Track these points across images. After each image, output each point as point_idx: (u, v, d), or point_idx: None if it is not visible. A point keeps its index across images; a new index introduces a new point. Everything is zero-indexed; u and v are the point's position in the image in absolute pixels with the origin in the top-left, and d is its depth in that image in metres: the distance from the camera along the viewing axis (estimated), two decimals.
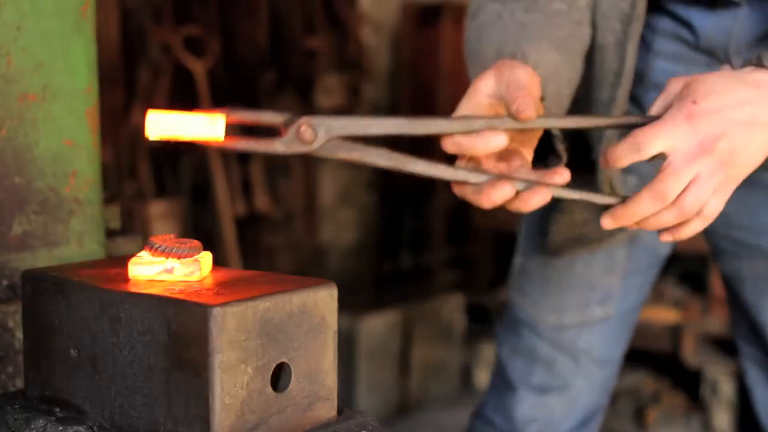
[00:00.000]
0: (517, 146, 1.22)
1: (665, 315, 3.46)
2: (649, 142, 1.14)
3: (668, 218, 1.17)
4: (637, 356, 3.67)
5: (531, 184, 1.17)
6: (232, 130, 1.03)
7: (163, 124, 0.99)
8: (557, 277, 1.76)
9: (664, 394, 3.58)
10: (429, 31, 4.72)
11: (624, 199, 1.18)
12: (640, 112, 1.58)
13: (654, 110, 1.20)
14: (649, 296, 3.64)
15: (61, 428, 0.98)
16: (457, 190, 1.22)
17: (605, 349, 1.81)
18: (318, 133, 1.09)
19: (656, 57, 1.53)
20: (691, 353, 3.38)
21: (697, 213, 1.17)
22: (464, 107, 1.22)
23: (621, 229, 1.57)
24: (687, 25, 1.47)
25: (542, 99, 1.26)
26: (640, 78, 1.53)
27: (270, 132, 1.08)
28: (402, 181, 4.68)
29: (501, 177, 1.17)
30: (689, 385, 3.53)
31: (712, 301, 3.39)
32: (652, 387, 3.62)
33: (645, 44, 1.52)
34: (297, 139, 1.08)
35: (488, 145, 1.15)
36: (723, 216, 1.39)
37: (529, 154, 1.23)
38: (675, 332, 3.40)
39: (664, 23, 1.51)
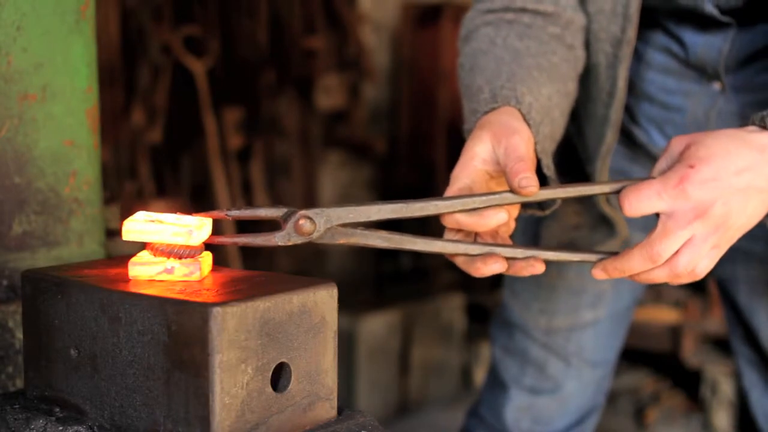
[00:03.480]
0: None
1: (665, 315, 3.46)
2: (643, 203, 1.13)
3: (659, 275, 1.17)
4: (637, 356, 3.67)
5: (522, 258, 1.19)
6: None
7: (141, 234, 1.00)
8: (548, 281, 1.76)
9: (664, 394, 3.58)
10: (429, 31, 4.72)
11: (615, 254, 1.19)
12: (631, 122, 1.58)
13: (656, 171, 1.19)
14: (649, 296, 3.62)
15: (61, 428, 0.98)
16: (451, 258, 1.23)
17: (597, 350, 1.82)
18: (317, 224, 1.12)
19: (648, 69, 1.53)
20: (691, 353, 3.38)
21: (688, 272, 1.16)
22: (462, 174, 1.22)
23: (612, 237, 1.57)
24: (679, 41, 1.47)
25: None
26: (631, 88, 1.54)
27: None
28: (402, 180, 4.69)
29: (492, 253, 1.19)
30: (689, 385, 3.53)
31: (712, 301, 3.39)
32: (652, 387, 3.62)
33: (638, 55, 1.52)
34: (296, 232, 1.10)
35: (490, 223, 1.17)
36: None
37: (515, 213, 1.24)
38: (675, 332, 3.40)
39: (657, 37, 1.50)
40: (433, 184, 4.52)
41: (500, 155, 1.20)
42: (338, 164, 4.67)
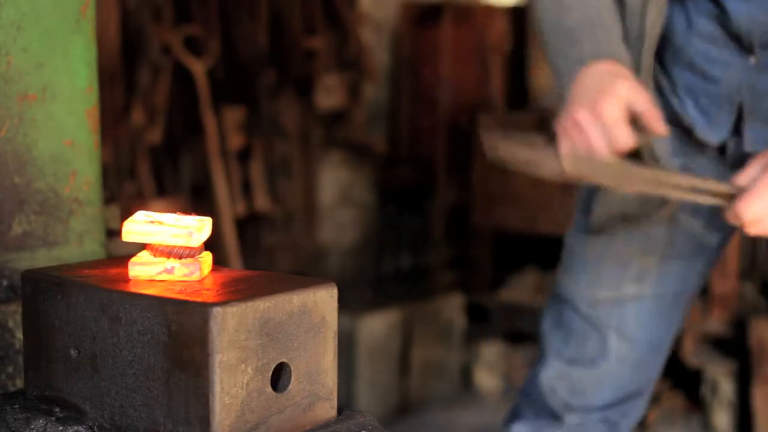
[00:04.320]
0: None
1: None
2: (745, 211, 1.39)
3: None
4: None
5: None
6: None
7: (140, 235, 1.00)
8: (595, 253, 1.82)
9: (664, 394, 3.57)
10: (429, 31, 4.71)
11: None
12: (672, 94, 1.68)
13: (742, 179, 1.43)
14: None
15: (61, 428, 0.98)
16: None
17: (638, 328, 1.84)
18: None
19: (696, 37, 1.61)
20: (691, 353, 3.38)
21: None
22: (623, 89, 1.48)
23: (661, 207, 1.70)
24: (722, 7, 1.56)
25: None
26: (678, 53, 1.64)
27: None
28: (402, 180, 4.68)
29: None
30: (689, 385, 3.53)
31: (712, 301, 3.39)
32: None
33: (688, 23, 1.62)
34: None
35: None
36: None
37: None
38: None
39: (705, 4, 1.59)
40: (433, 184, 4.52)
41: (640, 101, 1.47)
42: (338, 164, 4.67)
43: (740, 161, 1.58)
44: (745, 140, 1.62)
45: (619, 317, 1.82)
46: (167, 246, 0.99)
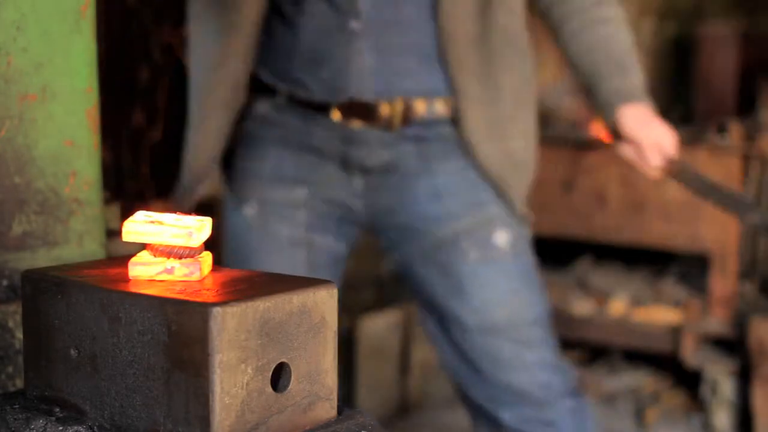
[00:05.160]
0: None
1: (665, 315, 3.46)
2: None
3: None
4: (637, 356, 3.67)
5: None
6: None
7: (140, 235, 1.00)
8: None
9: (664, 394, 3.57)
10: None
11: None
12: None
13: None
14: (649, 296, 3.62)
15: (61, 428, 0.98)
16: None
17: None
18: None
19: None
20: (691, 353, 3.38)
21: None
22: None
23: (297, 227, 1.91)
24: None
25: None
26: None
27: None
28: None
29: None
30: (689, 385, 3.53)
31: (712, 301, 3.39)
32: (652, 387, 3.62)
33: None
34: None
35: None
36: (387, 211, 1.88)
37: None
38: (675, 332, 3.40)
39: None
40: None
41: None
42: None
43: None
44: None
45: None
46: (167, 246, 0.99)
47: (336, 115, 1.81)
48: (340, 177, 1.87)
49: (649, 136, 1.90)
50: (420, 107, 1.81)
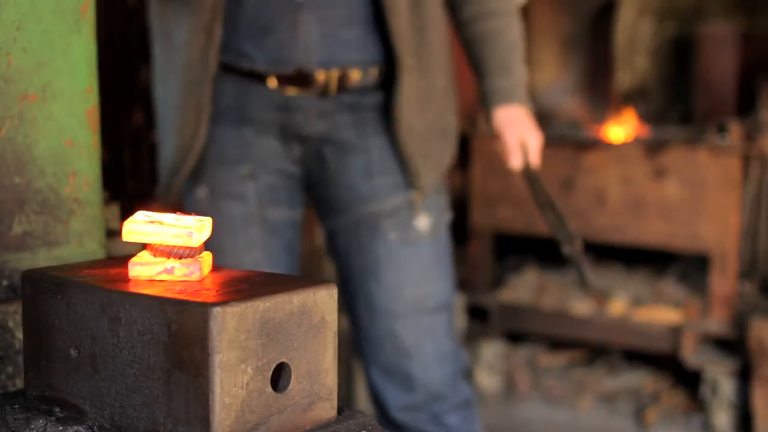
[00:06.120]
0: None
1: (665, 315, 3.46)
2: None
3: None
4: (637, 356, 3.67)
5: None
6: None
7: (141, 235, 1.00)
8: None
9: (664, 394, 3.57)
10: None
11: None
12: None
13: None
14: (649, 296, 3.62)
15: (61, 428, 0.98)
16: None
17: None
18: None
19: None
20: (691, 353, 3.38)
21: None
22: None
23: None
24: None
25: None
26: None
27: None
28: None
29: None
30: (689, 385, 3.53)
31: (712, 301, 3.39)
32: (652, 387, 3.62)
33: None
34: None
35: None
36: (320, 181, 1.91)
37: None
38: (675, 332, 3.40)
39: None
40: None
41: None
42: None
43: None
44: None
45: None
46: (167, 246, 0.99)
47: (272, 83, 1.83)
48: (280, 147, 1.89)
49: (514, 137, 1.99)
50: (355, 74, 1.85)
